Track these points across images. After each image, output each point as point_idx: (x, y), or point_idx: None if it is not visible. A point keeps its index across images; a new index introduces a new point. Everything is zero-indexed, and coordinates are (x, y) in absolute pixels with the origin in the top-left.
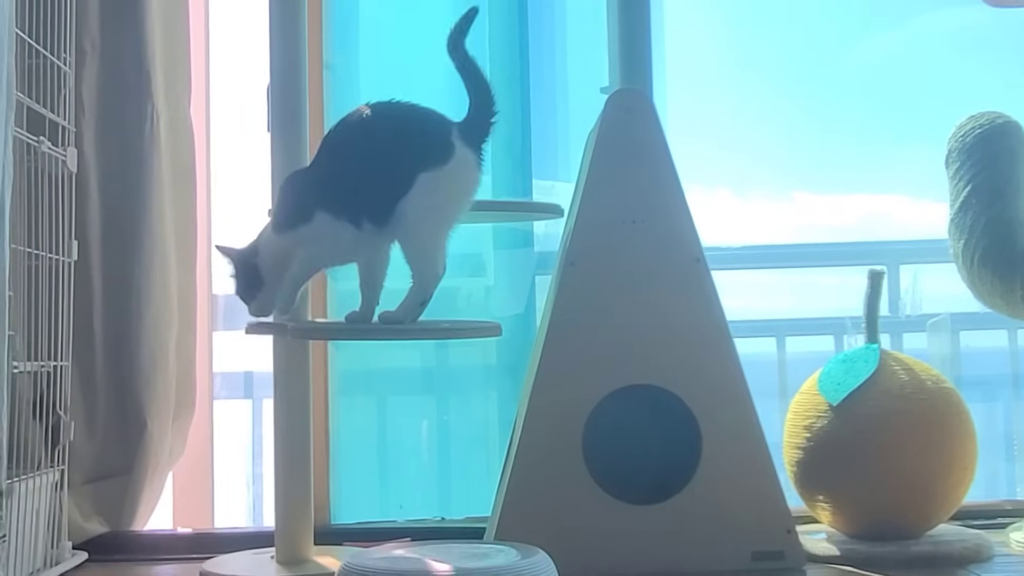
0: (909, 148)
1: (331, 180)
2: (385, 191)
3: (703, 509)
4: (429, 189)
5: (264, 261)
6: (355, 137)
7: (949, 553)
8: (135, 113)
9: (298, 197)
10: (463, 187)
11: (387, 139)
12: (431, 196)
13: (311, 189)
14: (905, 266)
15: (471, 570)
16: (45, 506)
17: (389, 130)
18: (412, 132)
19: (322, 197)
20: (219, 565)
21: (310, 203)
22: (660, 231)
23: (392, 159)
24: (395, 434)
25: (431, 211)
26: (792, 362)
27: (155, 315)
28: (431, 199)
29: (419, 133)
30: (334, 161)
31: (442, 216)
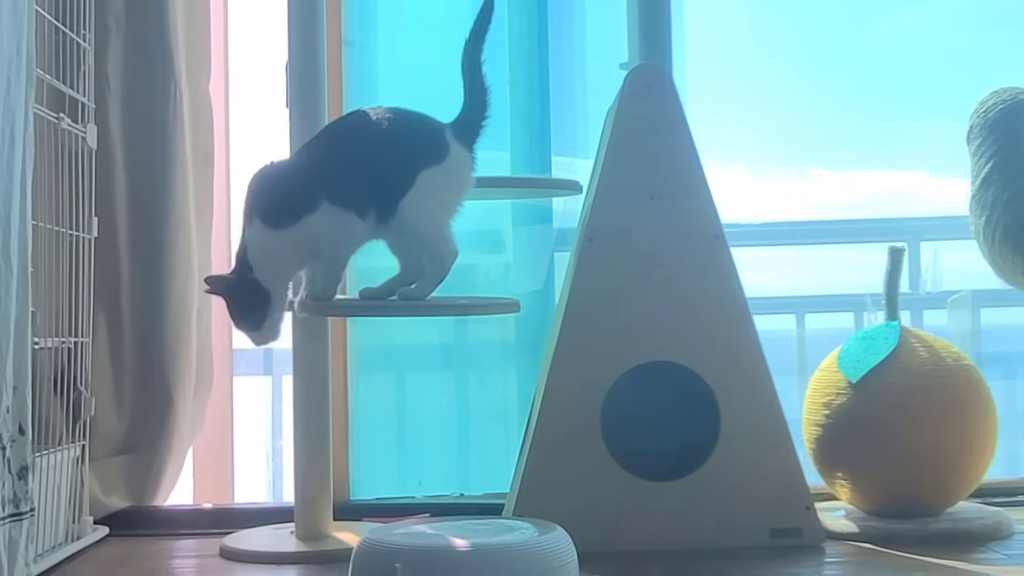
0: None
1: (336, 172)
2: (389, 188)
3: (721, 486)
4: (428, 187)
5: (262, 270)
6: (359, 134)
7: (968, 530)
8: (159, 91)
9: (297, 188)
10: (458, 184)
11: (390, 138)
12: (430, 193)
13: (312, 180)
14: (926, 243)
15: (489, 546)
16: (67, 481)
17: (390, 130)
18: (411, 132)
19: (327, 188)
20: (239, 540)
21: (313, 194)
22: (679, 207)
23: (396, 157)
24: (414, 410)
25: (430, 207)
26: (811, 339)
27: (179, 290)
28: (430, 196)
29: (417, 133)
30: (339, 154)
31: (441, 211)
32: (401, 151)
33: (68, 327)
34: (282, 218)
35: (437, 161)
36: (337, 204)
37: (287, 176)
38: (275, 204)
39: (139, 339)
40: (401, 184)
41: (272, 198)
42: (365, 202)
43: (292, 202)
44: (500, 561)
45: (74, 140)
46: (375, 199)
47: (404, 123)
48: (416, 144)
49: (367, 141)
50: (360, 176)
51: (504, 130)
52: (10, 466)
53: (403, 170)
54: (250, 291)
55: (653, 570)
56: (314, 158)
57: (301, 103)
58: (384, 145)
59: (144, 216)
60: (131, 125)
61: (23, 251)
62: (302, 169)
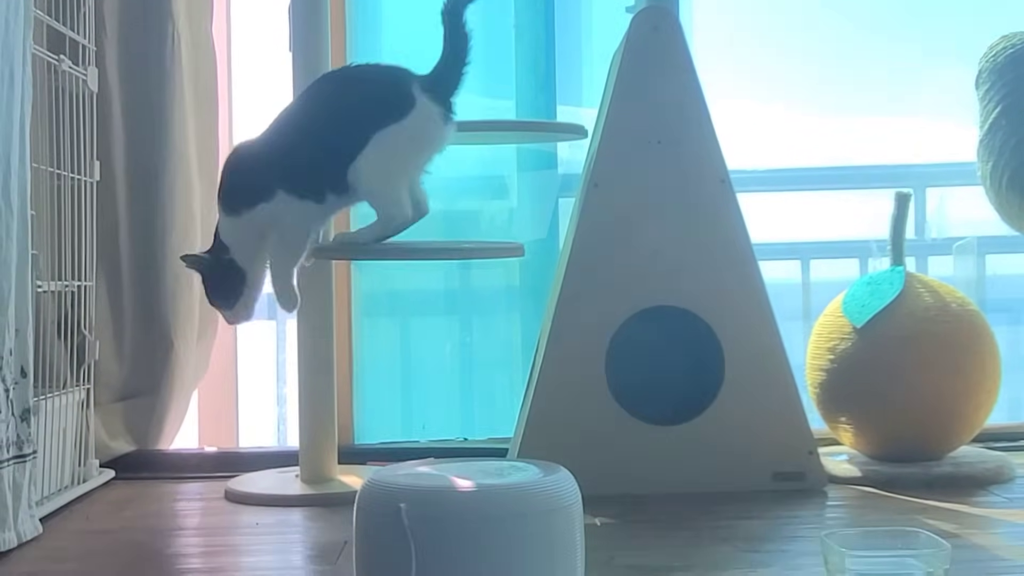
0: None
1: (286, 157)
2: (339, 158)
3: (725, 430)
4: (384, 145)
5: (238, 251)
6: (315, 107)
7: (970, 474)
8: (156, 33)
9: (254, 175)
10: (424, 140)
11: (337, 106)
12: (386, 151)
13: (266, 166)
14: (932, 189)
15: (493, 486)
16: (72, 425)
17: (340, 96)
18: (367, 92)
19: (281, 175)
20: (244, 483)
21: (269, 181)
22: (685, 152)
23: (343, 125)
24: (418, 355)
25: (385, 165)
26: (816, 285)
27: (179, 235)
28: (386, 154)
29: (375, 92)
30: (287, 135)
31: (397, 169)
32: (353, 114)
33: (71, 271)
34: (238, 205)
35: (397, 118)
36: (293, 193)
37: (248, 161)
38: (234, 190)
39: (138, 285)
40: (351, 149)
41: (233, 184)
42: (320, 186)
43: (249, 189)
44: (504, 501)
45: (75, 83)
46: (329, 179)
47: (363, 83)
48: (372, 104)
49: (322, 113)
50: (315, 157)
51: (509, 76)
52: (13, 408)
53: (355, 134)
54: (225, 270)
55: (656, 513)
56: (273, 139)
57: (304, 47)
58: (337, 112)
59: (142, 160)
60: (128, 68)
61: (23, 193)
62: (262, 153)
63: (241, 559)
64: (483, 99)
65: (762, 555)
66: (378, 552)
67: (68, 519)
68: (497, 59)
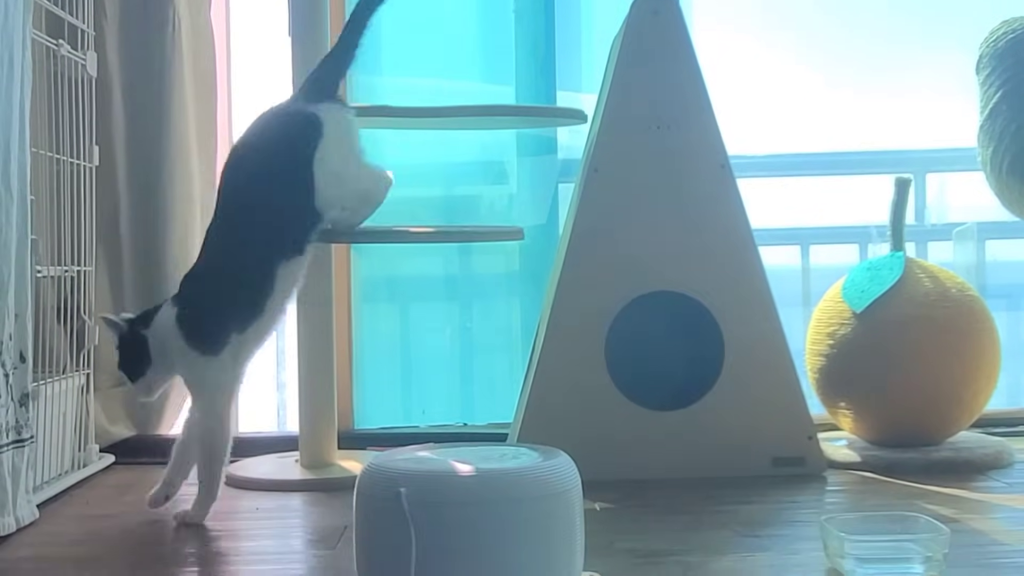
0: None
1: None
2: (302, 220)
3: (725, 415)
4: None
5: (156, 342)
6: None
7: (969, 460)
8: (157, 17)
9: (209, 315)
10: (344, 134)
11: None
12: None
13: (220, 306)
14: (932, 174)
15: (493, 471)
16: (72, 409)
17: (262, 190)
18: (280, 158)
19: (235, 319)
20: (244, 468)
21: (224, 328)
22: (685, 136)
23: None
24: (418, 340)
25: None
26: (816, 271)
27: (180, 220)
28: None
29: (282, 152)
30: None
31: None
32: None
33: (71, 256)
34: (208, 347)
35: (318, 139)
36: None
37: (200, 291)
38: (195, 323)
39: (139, 270)
40: (307, 213)
41: (191, 311)
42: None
43: (206, 333)
44: (504, 486)
45: (74, 67)
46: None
47: (270, 156)
48: (288, 160)
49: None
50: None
51: (509, 62)
52: (12, 393)
53: (300, 202)
54: (138, 345)
55: (656, 497)
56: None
57: (304, 32)
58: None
59: (143, 146)
60: (128, 53)
61: (23, 178)
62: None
63: (241, 544)
64: (483, 84)
65: (762, 540)
66: (378, 537)
67: (68, 504)
68: (497, 44)
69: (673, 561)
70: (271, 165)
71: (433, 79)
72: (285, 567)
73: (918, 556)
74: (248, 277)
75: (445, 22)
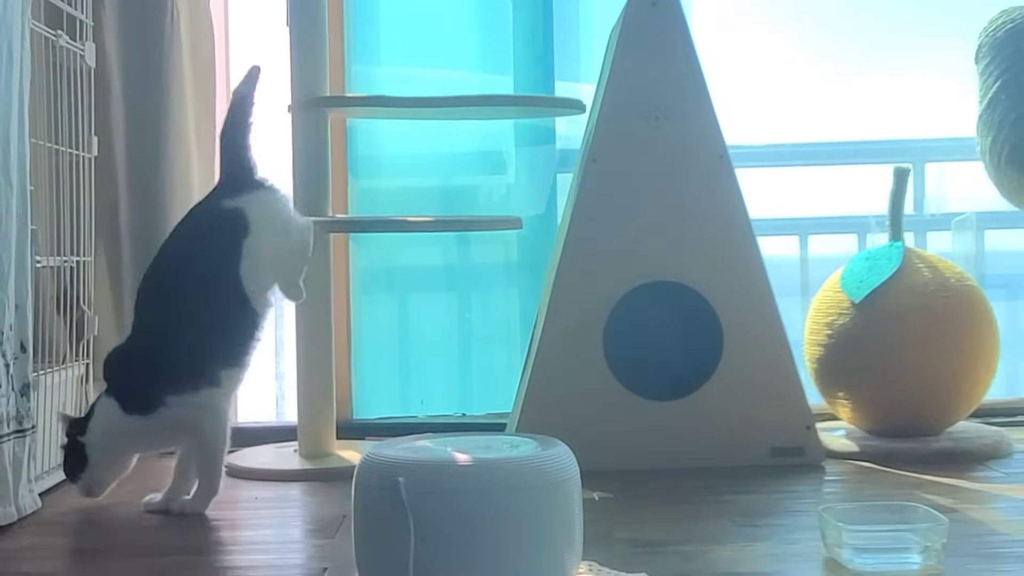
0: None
1: (173, 353)
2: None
3: (723, 405)
4: (256, 256)
5: (94, 440)
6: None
7: (968, 450)
8: (155, 7)
9: (141, 379)
10: (272, 219)
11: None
12: (263, 256)
13: (152, 368)
14: (931, 164)
15: (492, 460)
16: (71, 399)
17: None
18: (193, 249)
19: (168, 379)
20: (243, 458)
21: (158, 387)
22: (683, 127)
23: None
24: (416, 331)
25: (272, 258)
26: (814, 261)
27: (179, 211)
28: (266, 258)
29: (200, 248)
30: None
31: (285, 228)
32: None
33: (70, 246)
34: (138, 407)
35: (243, 236)
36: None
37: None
38: (126, 389)
39: (138, 260)
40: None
41: (123, 380)
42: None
43: (140, 393)
44: (502, 475)
45: (72, 58)
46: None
47: (190, 243)
48: (213, 253)
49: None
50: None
51: (507, 51)
52: (13, 383)
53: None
54: (75, 448)
55: (654, 487)
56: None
57: (302, 21)
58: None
59: (141, 136)
60: (127, 43)
61: (22, 168)
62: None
63: (240, 533)
64: (481, 74)
65: (760, 529)
66: (377, 526)
67: (68, 493)
68: (494, 34)
69: (672, 551)
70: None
71: (431, 69)
72: (284, 556)
73: (916, 546)
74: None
75: (443, 12)
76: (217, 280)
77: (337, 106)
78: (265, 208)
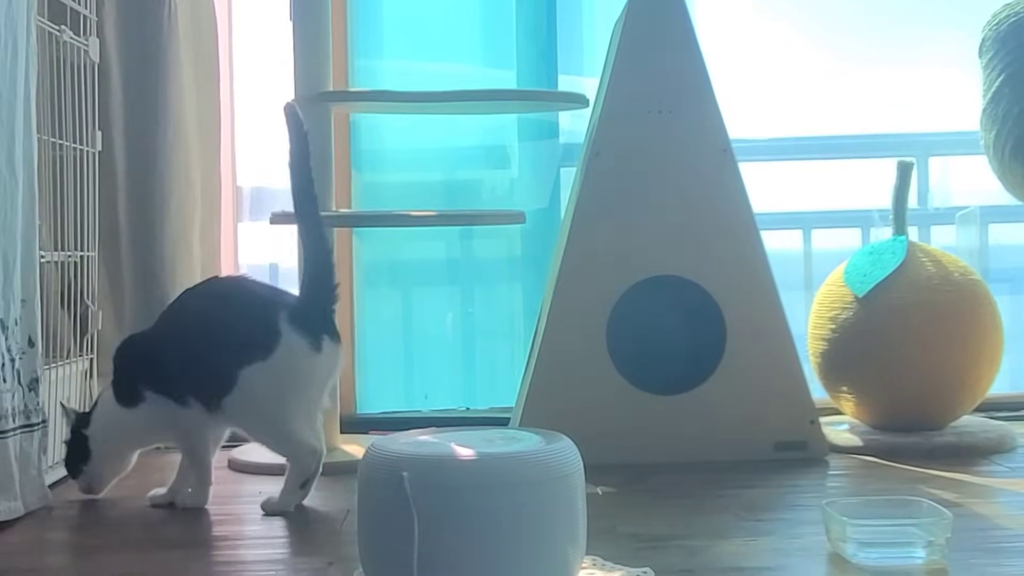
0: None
1: (162, 362)
2: (209, 385)
3: (727, 399)
4: (256, 385)
5: (96, 433)
6: (185, 320)
7: (972, 444)
8: (153, 2)
9: (134, 370)
10: (297, 375)
11: (209, 328)
12: (260, 392)
13: (145, 365)
14: (935, 158)
15: (496, 455)
16: (76, 394)
17: (213, 319)
18: (234, 323)
19: (155, 379)
20: (246, 453)
21: (144, 382)
22: (687, 121)
23: (212, 353)
24: (420, 325)
25: (265, 406)
26: (818, 255)
27: (178, 205)
28: (261, 395)
29: (240, 325)
30: (166, 340)
31: (281, 407)
32: (219, 346)
33: (74, 241)
34: (122, 399)
35: (262, 356)
36: (166, 397)
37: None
38: (120, 382)
39: (137, 255)
40: (222, 382)
41: (119, 373)
42: (189, 398)
43: (129, 386)
44: (506, 470)
45: (76, 53)
46: (198, 395)
47: (231, 312)
48: (236, 338)
49: (191, 331)
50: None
51: (510, 46)
52: (20, 378)
53: (222, 367)
54: (78, 443)
55: (658, 482)
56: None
57: (305, 16)
58: (203, 338)
59: (140, 130)
60: (126, 37)
61: (28, 163)
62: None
63: (244, 528)
64: (484, 69)
65: (764, 524)
66: (381, 520)
67: (71, 488)
68: (498, 28)
69: (675, 545)
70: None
71: (434, 63)
72: (288, 550)
73: (920, 540)
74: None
75: (446, 6)
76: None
77: (340, 101)
78: (298, 362)
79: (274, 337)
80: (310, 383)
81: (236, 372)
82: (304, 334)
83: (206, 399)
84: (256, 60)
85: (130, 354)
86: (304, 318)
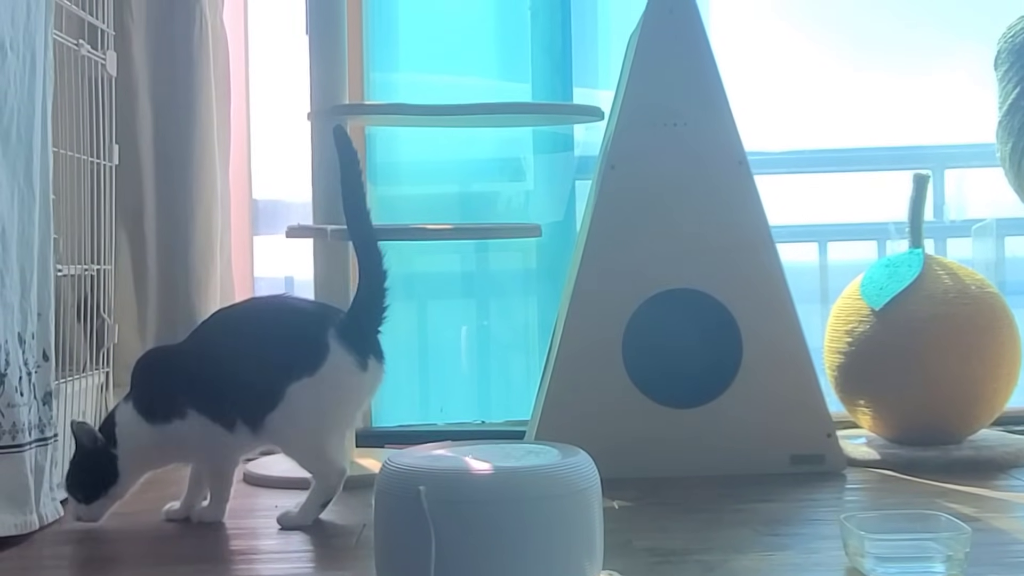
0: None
1: (203, 378)
2: (254, 402)
3: (743, 413)
4: (300, 400)
5: (126, 452)
6: (228, 337)
7: (991, 458)
8: (184, 17)
9: (170, 386)
10: (341, 392)
11: (255, 345)
12: (304, 407)
13: (183, 381)
14: (951, 170)
15: (512, 469)
16: (91, 408)
17: (259, 336)
18: (281, 339)
19: (195, 395)
20: (262, 466)
21: (183, 398)
22: (702, 133)
23: (259, 370)
24: (435, 338)
25: (306, 421)
26: (834, 268)
27: (204, 218)
28: (304, 410)
29: (288, 340)
30: (207, 357)
31: (321, 424)
32: (267, 361)
33: (91, 255)
34: (154, 414)
35: (309, 372)
36: (205, 415)
37: (165, 367)
38: (151, 395)
39: (163, 267)
40: (267, 399)
41: (148, 386)
42: (230, 415)
43: (166, 400)
44: (523, 484)
45: (94, 67)
46: (240, 410)
47: (277, 325)
48: (284, 354)
49: (235, 344)
50: (224, 386)
51: (525, 59)
52: (35, 392)
53: (268, 383)
54: (101, 463)
55: (675, 496)
56: (189, 351)
57: (322, 29)
58: (249, 354)
59: (169, 143)
60: (155, 53)
61: (45, 177)
62: (178, 364)
63: (260, 542)
64: (499, 82)
65: (781, 538)
66: (397, 535)
67: None
68: (513, 42)
69: (692, 560)
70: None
71: (450, 76)
72: (303, 565)
73: (939, 555)
74: None
75: (462, 19)
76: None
77: (356, 114)
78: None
79: (322, 352)
80: (351, 401)
81: (283, 388)
82: (352, 351)
83: (250, 418)
84: (272, 73)
85: (164, 368)
86: (353, 335)
